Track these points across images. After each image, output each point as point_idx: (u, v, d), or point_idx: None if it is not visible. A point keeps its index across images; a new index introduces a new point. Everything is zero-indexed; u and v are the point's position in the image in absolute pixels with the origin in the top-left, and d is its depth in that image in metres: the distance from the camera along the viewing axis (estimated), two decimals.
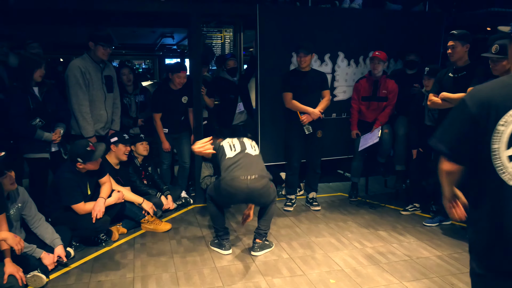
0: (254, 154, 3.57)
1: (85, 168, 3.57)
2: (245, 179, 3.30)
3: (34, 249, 3.14)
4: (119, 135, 4.22)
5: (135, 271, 3.32)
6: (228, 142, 3.63)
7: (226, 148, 3.56)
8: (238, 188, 3.32)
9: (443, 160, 1.60)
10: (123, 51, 12.29)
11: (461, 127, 1.52)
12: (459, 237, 3.94)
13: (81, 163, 3.53)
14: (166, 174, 5.04)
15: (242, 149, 3.55)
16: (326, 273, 3.29)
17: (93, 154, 3.53)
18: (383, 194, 5.33)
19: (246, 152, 3.53)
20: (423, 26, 5.20)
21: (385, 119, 4.68)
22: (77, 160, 3.52)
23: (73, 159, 3.55)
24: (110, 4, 4.38)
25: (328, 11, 5.02)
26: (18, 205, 3.23)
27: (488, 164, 1.43)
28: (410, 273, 3.28)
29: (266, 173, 3.49)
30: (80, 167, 3.56)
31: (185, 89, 4.78)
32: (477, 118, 1.46)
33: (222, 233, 3.67)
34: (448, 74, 3.87)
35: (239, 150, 3.53)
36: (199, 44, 4.77)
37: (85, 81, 4.02)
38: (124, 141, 4.18)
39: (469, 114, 1.48)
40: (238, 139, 3.71)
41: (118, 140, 4.16)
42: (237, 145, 3.59)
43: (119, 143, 4.16)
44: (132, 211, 4.08)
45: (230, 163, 3.43)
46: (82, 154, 3.52)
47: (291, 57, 4.85)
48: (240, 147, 3.57)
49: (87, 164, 3.55)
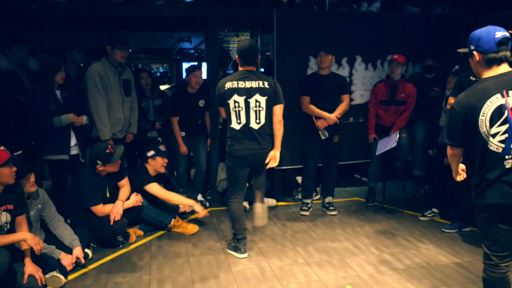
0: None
1: (105, 170, 3.64)
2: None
3: (53, 250, 3.20)
4: (155, 149, 4.24)
5: (152, 273, 3.35)
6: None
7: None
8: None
9: (449, 148, 2.43)
10: (141, 55, 12.43)
11: (455, 124, 2.32)
12: (479, 244, 3.83)
13: (101, 165, 3.60)
14: (183, 177, 5.08)
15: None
16: (342, 278, 3.26)
17: (112, 156, 3.60)
18: (400, 199, 5.26)
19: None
20: (443, 30, 5.11)
21: (403, 123, 4.62)
22: (97, 162, 3.59)
23: (93, 161, 3.63)
24: (129, 9, 4.44)
25: (345, 15, 4.99)
26: (38, 206, 3.30)
27: (480, 141, 2.26)
28: (428, 280, 3.22)
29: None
30: (100, 169, 3.63)
31: (202, 93, 4.82)
32: (464, 116, 2.27)
33: (240, 235, 3.65)
34: (469, 77, 3.79)
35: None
36: (216, 48, 4.80)
37: (103, 85, 4.09)
38: (161, 154, 4.21)
39: (458, 114, 2.29)
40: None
41: (156, 153, 4.20)
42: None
43: (156, 156, 4.20)
44: (156, 219, 4.06)
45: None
46: (102, 156, 3.59)
47: (308, 61, 4.83)
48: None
49: (106, 166, 3.62)
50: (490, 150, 2.21)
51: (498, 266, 2.31)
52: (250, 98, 3.41)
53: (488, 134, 2.21)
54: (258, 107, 3.43)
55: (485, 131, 2.22)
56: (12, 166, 2.80)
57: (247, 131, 3.46)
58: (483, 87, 2.24)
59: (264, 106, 3.44)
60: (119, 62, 4.23)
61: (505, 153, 2.17)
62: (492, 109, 2.19)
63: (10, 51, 4.06)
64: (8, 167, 2.77)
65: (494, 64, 2.24)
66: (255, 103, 3.42)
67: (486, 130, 2.21)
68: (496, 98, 2.18)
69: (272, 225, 4.35)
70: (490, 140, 2.21)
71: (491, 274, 2.34)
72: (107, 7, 4.38)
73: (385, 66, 5.04)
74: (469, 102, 2.26)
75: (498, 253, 2.29)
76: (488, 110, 2.19)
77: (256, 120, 3.45)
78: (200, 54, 10.88)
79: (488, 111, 2.19)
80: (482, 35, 2.24)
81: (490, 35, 2.22)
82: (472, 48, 2.29)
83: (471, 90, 2.29)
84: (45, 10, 4.26)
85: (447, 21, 5.28)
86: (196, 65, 5.07)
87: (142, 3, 4.49)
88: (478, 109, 2.21)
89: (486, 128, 2.21)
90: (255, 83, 3.42)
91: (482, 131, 2.22)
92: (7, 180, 2.80)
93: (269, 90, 3.44)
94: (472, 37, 2.30)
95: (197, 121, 4.92)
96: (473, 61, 2.32)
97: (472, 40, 2.29)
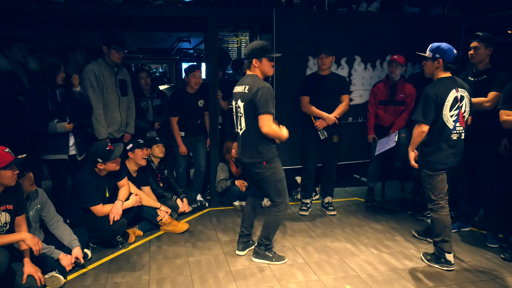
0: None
1: (105, 168, 3.64)
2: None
3: (53, 250, 3.20)
4: (133, 141, 4.28)
5: (151, 273, 3.35)
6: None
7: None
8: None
9: (421, 125, 3.25)
10: (140, 55, 12.40)
11: (429, 106, 3.21)
12: (478, 244, 3.86)
13: (102, 163, 3.60)
14: (182, 177, 5.08)
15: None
16: (341, 278, 3.26)
17: (112, 153, 3.60)
18: (400, 199, 5.26)
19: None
20: (442, 30, 5.11)
21: (403, 123, 4.62)
22: (97, 160, 3.59)
23: (93, 160, 3.63)
24: (129, 9, 4.44)
25: (344, 15, 5.00)
26: (38, 206, 3.29)
27: (441, 120, 3.25)
28: (428, 280, 3.22)
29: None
30: (100, 167, 3.63)
31: (201, 93, 4.82)
32: (436, 101, 3.21)
33: (271, 244, 3.58)
34: (468, 77, 3.80)
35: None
36: (215, 48, 4.80)
37: (99, 85, 4.12)
38: (139, 146, 4.23)
39: (432, 99, 3.21)
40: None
41: (134, 146, 4.22)
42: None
43: (135, 149, 4.22)
44: (149, 213, 4.12)
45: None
46: (102, 153, 3.60)
47: (308, 61, 4.84)
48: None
49: (107, 164, 3.62)
50: (447, 126, 3.26)
51: (444, 207, 3.38)
52: (236, 103, 3.35)
53: (448, 116, 3.24)
54: (239, 112, 3.34)
55: (445, 113, 3.23)
56: (15, 169, 2.81)
57: (237, 137, 3.48)
58: (445, 83, 3.27)
59: (243, 112, 3.28)
60: (115, 62, 4.24)
61: (453, 129, 3.28)
62: (452, 98, 3.22)
63: (10, 51, 4.06)
64: (10, 169, 2.77)
65: (448, 70, 3.30)
66: (237, 109, 3.35)
67: (446, 113, 3.23)
68: (453, 92, 3.23)
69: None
70: (448, 119, 3.25)
71: (441, 213, 3.36)
72: (106, 7, 4.38)
73: (384, 66, 5.05)
74: (438, 91, 3.22)
75: (443, 198, 3.37)
76: (450, 98, 3.22)
77: (240, 125, 3.36)
78: (200, 54, 10.88)
79: (450, 99, 3.22)
80: (447, 49, 3.24)
81: (452, 51, 3.25)
82: (438, 56, 3.25)
83: (438, 84, 3.27)
84: (44, 10, 4.25)
85: (446, 21, 5.28)
86: (195, 65, 5.08)
87: (141, 3, 4.49)
88: (444, 97, 3.21)
89: (447, 111, 3.23)
90: (241, 88, 3.31)
91: (444, 113, 3.23)
92: (8, 182, 2.80)
93: (246, 96, 3.22)
94: (439, 48, 3.26)
95: (197, 121, 4.92)
96: (434, 65, 3.29)
97: (439, 51, 3.26)
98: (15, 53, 4.07)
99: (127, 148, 4.21)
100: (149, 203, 4.14)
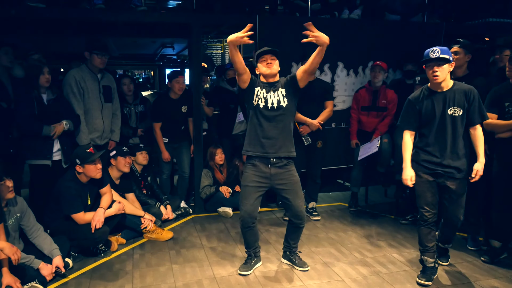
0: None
1: (84, 173, 3.58)
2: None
3: (32, 260, 3.12)
4: (117, 149, 4.25)
5: (134, 282, 3.30)
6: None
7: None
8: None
9: (406, 133, 3.25)
10: (123, 61, 12.32)
11: (412, 114, 3.24)
12: (459, 248, 3.92)
13: (80, 165, 3.54)
14: (166, 184, 5.03)
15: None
16: (326, 283, 3.27)
17: (91, 156, 3.55)
18: (383, 203, 5.32)
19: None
20: (422, 37, 5.22)
21: (385, 128, 4.68)
22: (76, 162, 3.54)
23: (72, 161, 3.59)
24: (112, 15, 4.41)
25: (327, 22, 5.06)
26: (17, 215, 3.22)
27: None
28: (411, 284, 3.26)
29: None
30: (79, 170, 3.57)
31: (185, 99, 4.80)
32: (417, 108, 3.20)
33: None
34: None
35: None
36: (199, 54, 4.79)
37: (79, 90, 4.09)
38: (122, 153, 4.20)
39: (414, 107, 3.22)
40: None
41: (116, 153, 4.19)
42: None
43: (117, 156, 4.18)
44: (133, 221, 4.07)
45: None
46: (81, 154, 3.56)
47: (291, 67, 4.87)
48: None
49: (85, 166, 3.55)
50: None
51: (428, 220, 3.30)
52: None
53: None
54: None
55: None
56: None
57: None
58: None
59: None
60: (99, 68, 4.20)
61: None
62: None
63: None
64: None
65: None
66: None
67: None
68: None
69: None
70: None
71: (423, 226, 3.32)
72: (89, 12, 4.34)
73: (367, 72, 5.12)
74: (418, 98, 3.26)
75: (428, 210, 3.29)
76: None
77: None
78: (183, 60, 10.86)
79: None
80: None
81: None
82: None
83: (419, 91, 3.29)
84: (25, 15, 4.19)
85: (426, 28, 5.39)
86: (178, 70, 5.04)
87: (125, 9, 4.47)
88: (422, 105, 3.24)
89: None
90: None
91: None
92: None
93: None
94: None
95: (180, 127, 4.89)
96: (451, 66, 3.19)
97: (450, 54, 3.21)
98: (2, 57, 3.95)
99: (110, 154, 4.17)
100: (132, 211, 4.09)
